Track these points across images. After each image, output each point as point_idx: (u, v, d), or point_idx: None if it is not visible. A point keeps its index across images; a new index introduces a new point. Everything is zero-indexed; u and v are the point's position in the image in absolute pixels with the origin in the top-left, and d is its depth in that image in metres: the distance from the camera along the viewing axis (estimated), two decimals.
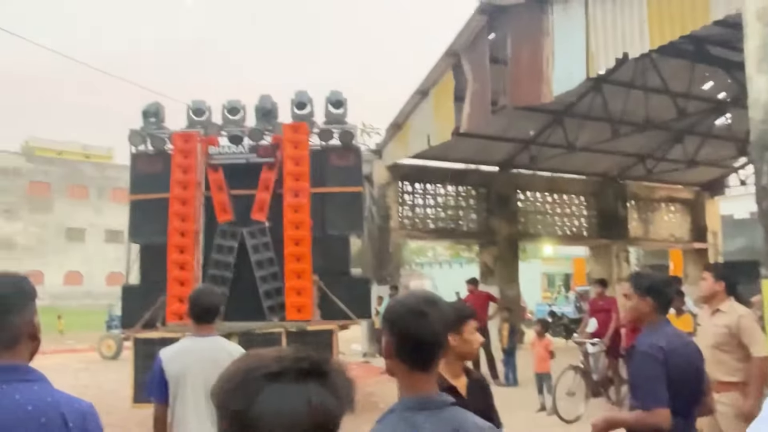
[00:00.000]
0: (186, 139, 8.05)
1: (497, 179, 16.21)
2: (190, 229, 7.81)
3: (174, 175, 7.88)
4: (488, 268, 16.00)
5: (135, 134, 8.21)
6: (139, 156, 8.43)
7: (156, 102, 8.49)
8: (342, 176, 8.41)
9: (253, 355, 0.89)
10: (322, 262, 8.04)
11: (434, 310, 1.48)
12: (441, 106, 11.65)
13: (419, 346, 1.46)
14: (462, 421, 1.47)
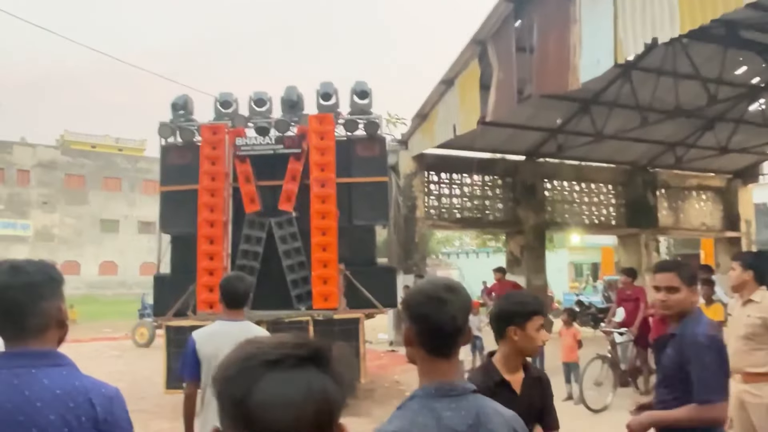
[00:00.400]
0: (214, 131, 8.14)
1: (524, 168, 16.01)
2: (218, 219, 7.92)
3: (203, 167, 7.99)
4: (515, 257, 15.89)
5: (164, 127, 8.33)
6: (168, 148, 8.55)
7: (184, 95, 8.59)
8: (367, 166, 8.41)
9: (253, 343, 0.86)
10: (348, 252, 8.08)
11: (453, 297, 1.47)
12: (466, 96, 11.52)
13: (438, 333, 1.45)
14: (483, 408, 1.45)
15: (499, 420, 1.44)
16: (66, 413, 1.44)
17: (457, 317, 1.45)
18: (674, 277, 2.59)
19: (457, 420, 1.39)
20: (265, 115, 8.52)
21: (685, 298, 2.56)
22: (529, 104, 12.21)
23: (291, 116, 8.43)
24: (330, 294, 7.67)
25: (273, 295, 7.93)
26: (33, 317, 1.50)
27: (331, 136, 8.10)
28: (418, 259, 14.10)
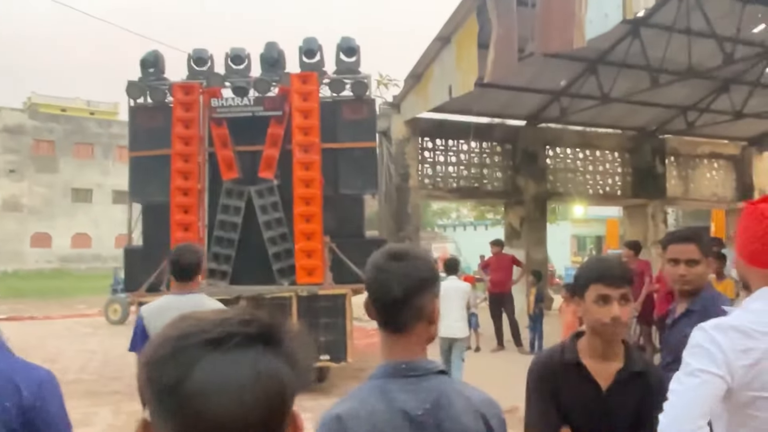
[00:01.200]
0: (187, 90, 7.93)
1: (524, 134, 15.89)
2: (193, 187, 7.77)
3: (175, 130, 7.80)
4: (514, 229, 15.85)
5: (133, 86, 8.11)
6: (137, 109, 8.34)
7: (154, 50, 8.35)
8: (355, 130, 8.24)
9: (189, 319, 0.76)
10: (335, 223, 7.98)
11: (395, 265, 1.40)
12: (464, 54, 11.31)
13: (380, 305, 1.40)
14: (445, 390, 1.37)
15: (462, 404, 1.36)
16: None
17: (393, 288, 1.37)
18: (695, 249, 2.44)
19: (412, 403, 1.33)
20: (244, 74, 8.31)
21: (705, 272, 2.45)
22: (531, 64, 12.01)
23: (271, 75, 8.23)
24: (315, 268, 7.59)
25: (253, 270, 7.86)
26: None
27: (315, 96, 7.91)
28: (411, 231, 14.03)
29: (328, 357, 7.17)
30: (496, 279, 10.72)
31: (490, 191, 15.93)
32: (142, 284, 7.48)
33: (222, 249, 7.81)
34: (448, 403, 1.34)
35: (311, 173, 7.73)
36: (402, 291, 1.37)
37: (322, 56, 8.39)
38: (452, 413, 1.33)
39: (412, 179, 14.23)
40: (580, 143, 16.85)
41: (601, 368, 1.91)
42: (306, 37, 8.35)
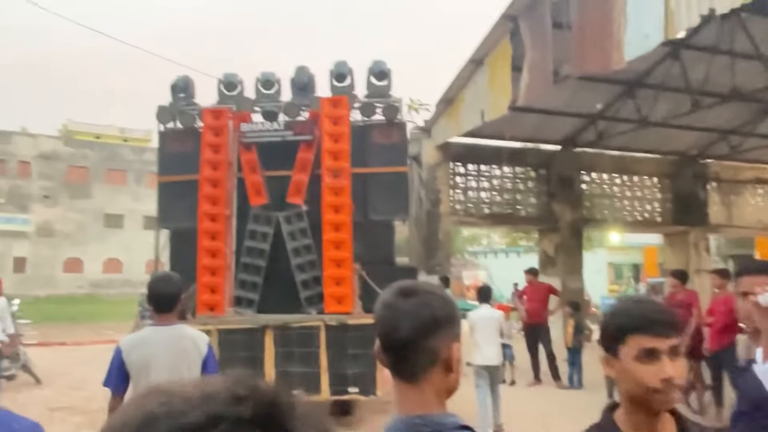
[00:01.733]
0: (216, 115, 7.92)
1: (559, 159, 15.60)
2: (221, 213, 7.70)
3: (204, 155, 7.77)
4: (549, 257, 15.51)
5: (163, 110, 8.14)
6: (167, 134, 8.36)
7: (185, 76, 8.39)
8: (386, 155, 8.12)
9: (160, 393, 0.56)
10: (364, 250, 7.81)
11: (403, 303, 1.25)
12: (497, 77, 11.17)
13: (386, 347, 1.26)
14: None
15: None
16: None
17: (400, 328, 1.23)
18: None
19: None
20: (274, 99, 8.27)
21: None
22: (566, 87, 11.81)
23: (302, 99, 8.18)
24: (344, 296, 7.41)
25: (281, 298, 7.72)
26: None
27: (345, 120, 7.81)
28: (442, 259, 13.80)
29: (356, 390, 6.95)
30: (532, 309, 10.41)
31: (523, 217, 15.64)
32: None
33: (249, 276, 7.70)
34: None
35: (341, 199, 7.60)
36: (410, 331, 1.23)
37: (352, 80, 8.32)
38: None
39: (444, 205, 14.04)
40: (617, 168, 16.49)
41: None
42: (337, 61, 8.30)
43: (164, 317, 3.30)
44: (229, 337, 7.04)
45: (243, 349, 7.02)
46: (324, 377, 6.94)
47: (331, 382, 6.95)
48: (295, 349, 7.02)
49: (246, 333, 7.07)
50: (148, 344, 3.23)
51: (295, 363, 7.00)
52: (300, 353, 7.01)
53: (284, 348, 7.02)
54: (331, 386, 6.95)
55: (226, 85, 8.31)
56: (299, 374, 6.96)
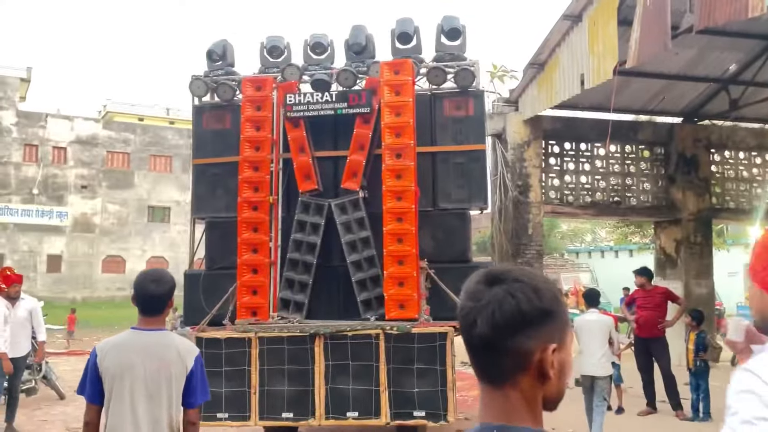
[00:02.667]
0: (258, 85, 7.94)
1: (681, 134, 15.08)
2: (264, 201, 7.73)
3: (244, 133, 7.81)
4: (668, 256, 15.08)
5: (197, 81, 8.22)
6: (202, 109, 8.46)
7: (223, 40, 8.47)
8: (459, 130, 7.95)
9: None
10: (433, 245, 7.70)
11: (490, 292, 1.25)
12: (599, 35, 10.77)
13: (469, 346, 1.28)
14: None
15: None
16: None
17: (478, 322, 1.24)
18: None
19: None
20: (325, 65, 8.25)
21: None
22: (689, 45, 11.43)
23: (358, 65, 8.10)
24: (408, 300, 7.29)
25: (333, 300, 7.72)
26: None
27: (409, 89, 7.66)
28: (533, 256, 13.49)
29: (422, 414, 6.81)
30: (644, 319, 9.99)
31: (635, 207, 15.19)
32: (203, 317, 7.48)
33: (297, 275, 7.69)
34: None
35: (404, 183, 7.46)
36: (489, 328, 1.23)
37: (419, 41, 8.19)
38: None
39: (534, 192, 13.77)
40: (757, 145, 15.82)
41: None
42: (400, 18, 8.18)
43: (148, 321, 3.38)
44: (274, 347, 7.07)
45: (289, 362, 7.03)
46: (384, 397, 6.85)
47: (393, 404, 6.85)
48: (351, 363, 6.97)
49: (293, 342, 7.07)
50: (124, 349, 3.30)
51: (350, 379, 6.95)
52: (355, 367, 6.95)
53: (337, 360, 6.98)
54: (392, 408, 6.85)
55: (269, 50, 8.34)
56: (355, 393, 6.91)
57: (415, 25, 8.19)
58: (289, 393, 6.98)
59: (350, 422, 6.99)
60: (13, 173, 40.69)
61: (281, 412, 7.00)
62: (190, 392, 3.37)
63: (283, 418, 7.05)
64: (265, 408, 6.99)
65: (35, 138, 41.44)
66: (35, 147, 41.44)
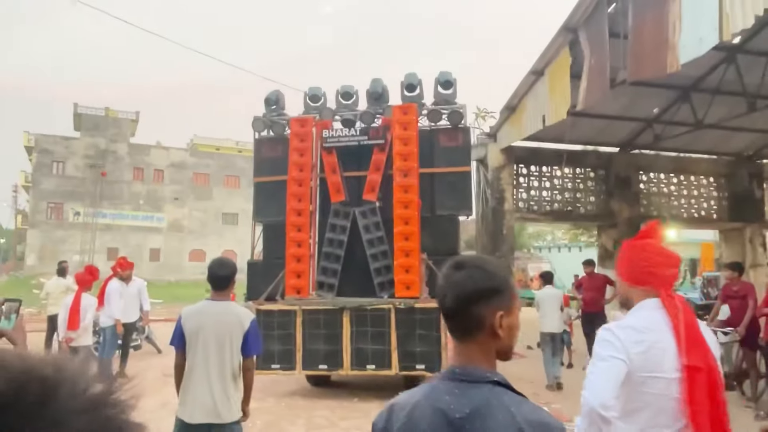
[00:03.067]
0: (302, 123, 7.92)
1: (617, 160, 14.74)
2: (305, 208, 7.69)
3: (291, 158, 7.79)
4: (608, 251, 14.67)
5: (258, 120, 8.22)
6: (261, 141, 8.45)
7: (276, 90, 8.46)
8: (451, 156, 7.86)
9: None
10: (431, 242, 7.59)
11: (454, 274, 1.28)
12: (556, 85, 10.60)
13: (443, 313, 1.32)
14: (490, 400, 1.21)
15: (504, 417, 1.18)
16: None
17: (447, 296, 1.28)
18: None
19: (454, 405, 1.23)
20: (352, 108, 8.19)
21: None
22: (623, 93, 11.11)
23: (376, 108, 8.04)
24: (412, 283, 7.21)
25: (356, 283, 7.64)
26: None
27: (414, 126, 7.60)
28: (506, 251, 13.30)
29: (423, 366, 6.73)
30: (589, 298, 9.78)
31: (583, 214, 14.87)
32: (261, 294, 7.44)
33: (330, 264, 7.64)
34: (488, 413, 1.20)
35: (410, 195, 7.40)
36: (454, 300, 1.27)
37: (421, 89, 8.12)
38: (490, 424, 1.18)
39: (508, 203, 13.53)
40: (674, 168, 15.37)
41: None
42: (407, 73, 8.11)
43: (218, 294, 3.43)
44: (313, 317, 7.03)
45: (324, 327, 6.98)
46: (394, 355, 6.78)
47: (401, 359, 6.78)
48: (369, 329, 6.90)
49: (327, 313, 7.02)
50: (200, 315, 3.36)
51: (368, 341, 6.89)
52: (373, 332, 6.88)
53: (359, 327, 6.92)
54: (401, 363, 6.78)
55: (311, 97, 8.31)
56: (372, 351, 6.83)
57: (418, 78, 8.12)
58: (324, 350, 6.94)
59: (369, 372, 6.94)
60: (126, 189, 41.03)
61: (318, 364, 6.94)
62: (246, 346, 3.39)
63: (320, 368, 6.99)
64: (307, 361, 6.93)
65: (142, 163, 41.78)
66: (141, 169, 41.78)
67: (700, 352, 1.89)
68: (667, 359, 1.87)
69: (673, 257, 2.11)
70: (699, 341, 1.90)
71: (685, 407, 1.84)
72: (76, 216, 37.69)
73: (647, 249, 2.10)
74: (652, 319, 1.94)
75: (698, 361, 1.87)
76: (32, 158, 40.51)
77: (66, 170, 39.83)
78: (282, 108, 8.45)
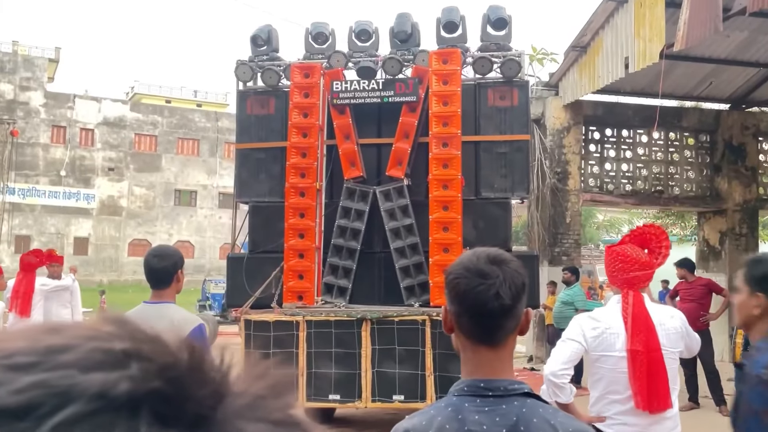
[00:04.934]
0: (307, 72, 8.20)
1: (728, 122, 14.94)
2: (311, 187, 7.99)
3: (292, 119, 8.09)
4: (711, 248, 14.97)
5: (243, 66, 8.50)
6: (246, 94, 8.72)
7: (267, 25, 8.71)
8: (503, 120, 8.19)
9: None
10: (474, 233, 7.91)
11: (498, 270, 1.54)
12: (645, 16, 10.73)
13: (482, 316, 1.54)
14: (527, 414, 1.48)
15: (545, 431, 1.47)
16: None
17: (501, 294, 1.51)
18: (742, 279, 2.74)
19: (487, 426, 1.46)
20: (370, 52, 8.49)
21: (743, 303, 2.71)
22: (741, 27, 11.37)
23: (404, 53, 8.34)
24: None
25: (377, 286, 8.01)
26: None
27: (457, 78, 7.92)
28: (570, 246, 13.58)
29: None
30: (686, 312, 9.94)
31: (678, 197, 15.11)
32: (246, 299, 7.79)
33: (341, 260, 7.99)
34: (528, 428, 1.46)
35: (451, 172, 7.73)
36: (510, 297, 1.52)
37: (465, 30, 8.39)
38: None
39: (573, 180, 13.79)
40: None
41: None
42: (445, 7, 8.39)
43: (156, 294, 3.65)
44: (321, 331, 7.35)
45: (337, 345, 7.32)
46: (430, 381, 7.13)
47: (438, 388, 7.10)
48: (397, 347, 7.25)
49: (340, 326, 7.36)
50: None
51: (395, 363, 7.24)
52: (402, 352, 7.23)
53: (384, 345, 7.26)
54: (438, 392, 7.10)
55: (314, 37, 8.59)
56: (401, 376, 7.20)
57: (461, 14, 8.39)
58: (337, 376, 7.29)
59: (396, 405, 7.26)
60: (41, 155, 41.61)
61: (328, 394, 7.31)
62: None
63: (330, 399, 7.37)
64: (313, 390, 7.30)
65: (63, 119, 42.25)
66: (63, 128, 42.27)
67: (643, 338, 3.31)
68: (618, 342, 3.35)
69: (638, 262, 3.48)
70: (645, 329, 3.34)
71: (629, 380, 3.30)
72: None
73: (614, 255, 3.56)
74: (610, 311, 3.48)
75: (640, 345, 3.31)
76: None
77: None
78: (275, 50, 8.72)
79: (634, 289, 3.45)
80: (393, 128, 8.04)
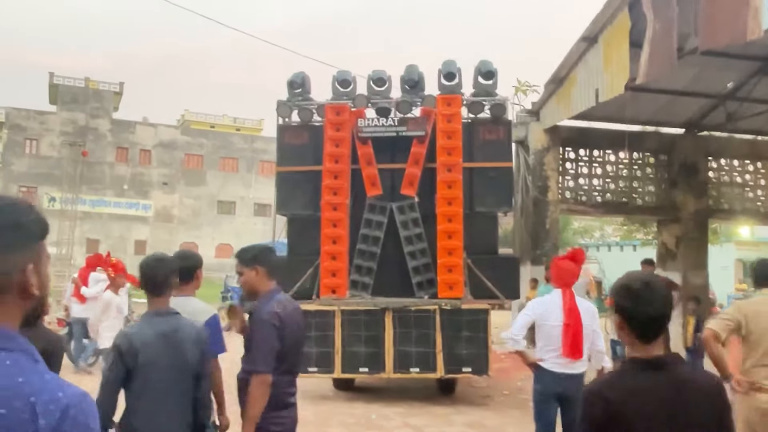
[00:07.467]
0: (338, 111, 8.71)
1: (682, 144, 14.92)
2: (342, 203, 8.52)
3: (326, 148, 8.62)
4: (669, 250, 14.85)
5: (282, 105, 9.00)
6: (285, 128, 9.22)
7: (302, 72, 9.17)
8: (491, 151, 8.72)
9: None
10: (469, 240, 8.42)
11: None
12: (613, 54, 10.57)
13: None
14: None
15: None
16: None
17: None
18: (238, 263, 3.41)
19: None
20: (385, 95, 8.95)
21: (246, 279, 3.42)
22: (692, 64, 11.11)
23: (412, 97, 8.80)
24: (455, 283, 8.04)
25: (392, 282, 8.51)
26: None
27: (458, 118, 8.47)
28: (549, 249, 13.62)
29: (470, 369, 7.59)
30: None
31: (640, 207, 15.07)
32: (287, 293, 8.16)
33: (364, 262, 8.48)
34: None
35: (454, 191, 8.26)
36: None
37: (460, 78, 8.88)
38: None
39: (552, 192, 13.68)
40: (749, 154, 15.46)
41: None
42: (446, 60, 8.89)
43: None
44: (352, 318, 7.92)
45: (365, 329, 7.85)
46: (439, 357, 7.68)
47: (446, 362, 7.62)
48: (413, 330, 7.76)
49: (368, 314, 7.91)
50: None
51: (412, 343, 7.78)
52: (417, 334, 7.79)
53: (403, 329, 7.80)
54: (446, 365, 7.62)
55: (339, 82, 9.05)
56: (416, 353, 7.68)
57: (457, 66, 8.90)
58: (365, 353, 7.83)
59: (413, 375, 7.85)
60: (108, 171, 42.35)
61: (359, 367, 7.83)
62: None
63: (360, 371, 7.91)
64: (346, 364, 7.82)
65: (126, 142, 42.94)
66: (126, 149, 42.94)
67: (573, 316, 4.71)
68: (554, 315, 4.73)
69: (570, 270, 4.90)
70: (573, 312, 4.73)
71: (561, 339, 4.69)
72: (51, 202, 38.82)
73: (557, 264, 5.02)
74: (552, 297, 4.87)
75: (570, 320, 4.71)
76: (2, 135, 41.78)
77: (40, 149, 41.13)
78: (308, 92, 9.19)
79: (568, 286, 4.85)
80: (405, 156, 8.59)
